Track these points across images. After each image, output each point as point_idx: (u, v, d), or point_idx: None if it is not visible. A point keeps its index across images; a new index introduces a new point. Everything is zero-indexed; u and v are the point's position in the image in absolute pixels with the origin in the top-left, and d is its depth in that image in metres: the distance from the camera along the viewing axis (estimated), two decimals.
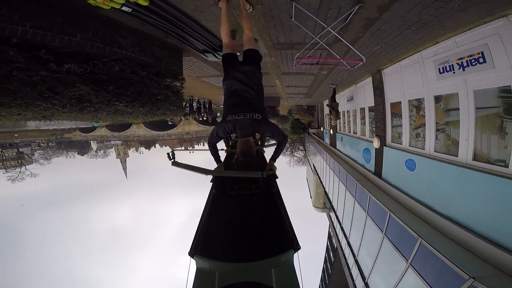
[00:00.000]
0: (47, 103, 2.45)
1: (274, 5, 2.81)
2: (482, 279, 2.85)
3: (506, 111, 2.99)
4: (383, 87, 5.93)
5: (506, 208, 2.92)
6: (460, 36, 3.50)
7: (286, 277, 1.41)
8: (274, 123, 2.40)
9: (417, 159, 4.76)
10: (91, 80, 2.74)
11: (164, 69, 3.95)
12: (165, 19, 2.92)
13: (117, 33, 3.19)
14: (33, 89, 2.32)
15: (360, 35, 3.66)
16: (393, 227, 5.11)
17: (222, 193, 2.26)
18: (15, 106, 2.29)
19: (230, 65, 2.39)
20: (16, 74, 2.20)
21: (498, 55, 3.03)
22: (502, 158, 3.07)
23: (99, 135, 40.25)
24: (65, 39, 2.62)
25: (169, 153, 2.62)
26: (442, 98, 4.12)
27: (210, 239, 1.67)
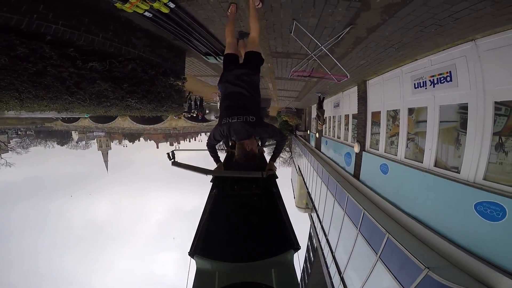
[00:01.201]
0: (72, 97, 2.69)
1: (277, 21, 3.15)
2: (435, 269, 3.27)
3: (462, 125, 3.52)
4: (367, 96, 6.44)
5: (456, 208, 3.43)
6: (435, 55, 3.94)
7: (286, 277, 1.41)
8: (271, 124, 2.41)
9: (390, 164, 5.28)
10: (109, 78, 2.97)
11: (170, 69, 4.23)
12: (178, 24, 3.22)
13: (132, 34, 3.44)
14: (62, 84, 2.55)
15: (349, 51, 4.08)
16: (366, 224, 5.63)
17: (222, 193, 2.25)
18: (46, 99, 2.51)
19: (226, 67, 2.40)
20: (50, 70, 2.43)
21: (462, 75, 3.49)
22: (456, 165, 3.62)
23: (81, 126, 38.83)
24: (89, 38, 2.86)
25: (169, 153, 2.62)
26: (414, 111, 4.65)
27: (210, 239, 1.66)
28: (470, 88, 3.33)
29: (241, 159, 2.10)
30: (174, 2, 2.74)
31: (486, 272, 2.87)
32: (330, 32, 3.35)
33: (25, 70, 2.31)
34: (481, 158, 3.21)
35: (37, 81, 2.38)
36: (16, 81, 2.26)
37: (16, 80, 2.26)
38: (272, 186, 2.30)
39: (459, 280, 3.00)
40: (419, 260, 3.55)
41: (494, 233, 2.89)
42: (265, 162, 3.22)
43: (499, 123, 2.98)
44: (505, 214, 2.79)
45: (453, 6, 2.36)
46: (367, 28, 3.17)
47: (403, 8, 2.53)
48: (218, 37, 3.94)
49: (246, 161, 2.12)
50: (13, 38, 2.22)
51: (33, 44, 2.34)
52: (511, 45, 2.77)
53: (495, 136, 3.04)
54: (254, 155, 2.13)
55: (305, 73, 4.59)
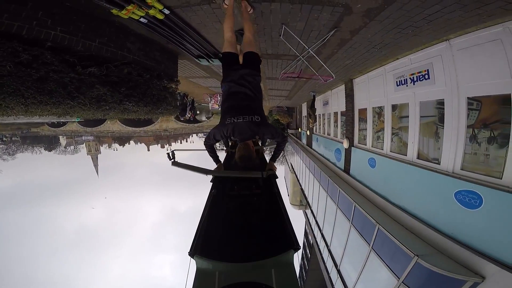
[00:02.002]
0: (74, 102, 2.77)
1: (267, 25, 3.33)
2: (424, 256, 3.49)
3: (440, 120, 3.78)
4: (354, 94, 6.71)
5: (438, 197, 3.67)
6: (414, 54, 4.17)
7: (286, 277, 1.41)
8: (272, 125, 2.41)
9: (377, 158, 5.52)
10: (107, 82, 3.07)
11: (163, 71, 4.34)
12: (172, 29, 3.34)
13: (127, 39, 3.53)
14: (64, 89, 2.64)
15: (335, 52, 4.31)
16: (358, 217, 5.88)
17: (222, 193, 2.25)
18: (50, 104, 2.59)
19: (229, 66, 2.38)
20: (52, 76, 2.51)
21: (438, 72, 3.72)
22: (436, 157, 3.88)
23: (69, 130, 37.80)
24: (86, 43, 2.94)
25: (169, 153, 2.64)
26: (397, 107, 4.92)
27: (210, 239, 1.67)
28: (446, 85, 3.57)
29: (244, 159, 2.14)
30: (169, 8, 2.86)
31: (469, 257, 3.07)
32: (316, 35, 3.55)
33: (29, 76, 2.39)
34: (458, 150, 3.46)
35: (41, 87, 2.46)
36: (21, 87, 2.34)
37: (21, 86, 2.34)
38: (272, 186, 2.32)
39: (447, 266, 3.20)
40: (408, 248, 3.77)
41: (473, 220, 3.11)
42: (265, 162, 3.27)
43: (472, 117, 3.24)
44: (482, 202, 3.02)
45: (426, 9, 2.56)
46: (351, 31, 3.37)
47: (381, 12, 2.73)
48: (211, 41, 4.08)
49: (248, 162, 2.16)
50: (16, 45, 2.30)
51: (35, 51, 2.42)
52: (480, 44, 3.01)
53: (469, 129, 3.30)
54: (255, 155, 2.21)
55: (294, 74, 4.79)
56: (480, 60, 3.04)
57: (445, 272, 3.12)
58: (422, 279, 3.58)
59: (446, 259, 3.37)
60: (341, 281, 6.58)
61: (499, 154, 2.94)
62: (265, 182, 2.35)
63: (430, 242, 3.78)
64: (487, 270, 2.84)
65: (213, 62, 5.11)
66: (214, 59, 5.00)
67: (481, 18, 2.66)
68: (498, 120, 2.91)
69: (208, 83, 8.95)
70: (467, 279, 2.94)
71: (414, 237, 4.06)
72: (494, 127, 2.98)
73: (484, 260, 2.87)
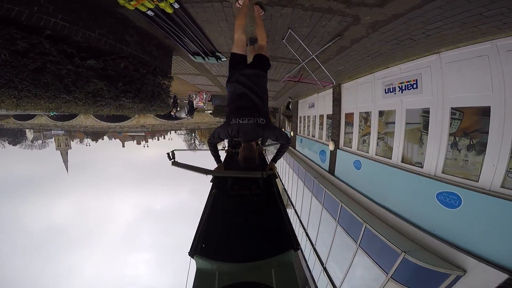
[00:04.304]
0: (69, 96, 2.59)
1: (273, 28, 3.38)
2: (410, 252, 3.76)
3: (424, 127, 4.09)
4: (341, 99, 6.96)
5: (421, 198, 3.98)
6: (405, 64, 4.41)
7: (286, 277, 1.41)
8: (277, 127, 2.44)
9: (362, 161, 5.80)
10: (104, 76, 2.91)
11: (158, 67, 4.21)
12: (176, 24, 3.26)
13: (126, 31, 3.37)
14: (61, 82, 2.46)
15: (332, 57, 4.45)
16: (344, 216, 6.14)
17: (222, 193, 2.25)
18: (44, 98, 2.40)
19: (236, 67, 2.36)
20: (49, 67, 2.33)
21: (426, 83, 3.98)
22: (420, 161, 4.20)
23: (38, 124, 34.88)
24: (86, 34, 2.76)
25: (169, 153, 2.60)
26: (384, 113, 5.22)
27: (210, 239, 1.67)
28: (432, 95, 3.87)
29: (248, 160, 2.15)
30: (179, 2, 2.80)
31: (451, 253, 3.37)
32: (318, 41, 3.66)
33: (25, 67, 2.20)
34: (440, 155, 3.78)
35: (36, 79, 2.28)
36: (16, 79, 2.15)
37: (16, 78, 2.15)
38: (272, 186, 2.34)
39: (432, 261, 3.48)
40: (395, 245, 4.05)
41: (453, 219, 3.43)
42: (265, 162, 3.32)
43: (454, 126, 3.57)
44: (461, 202, 3.35)
45: (428, 25, 2.76)
46: (352, 39, 3.51)
47: (387, 25, 2.90)
48: (211, 39, 4.04)
49: (251, 163, 2.18)
50: (14, 31, 2.12)
51: (33, 39, 2.24)
52: (468, 59, 3.29)
53: (450, 137, 3.62)
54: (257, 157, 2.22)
55: (295, 79, 4.89)
56: (466, 73, 3.33)
57: (431, 267, 3.40)
58: (409, 274, 3.86)
59: (430, 255, 3.67)
60: (328, 279, 6.81)
61: (477, 160, 3.26)
62: (265, 182, 2.36)
63: (414, 239, 4.07)
64: (467, 264, 3.14)
65: (209, 60, 5.05)
66: (210, 57, 4.95)
67: (474, 35, 2.89)
68: (477, 129, 3.23)
69: (196, 80, 8.79)
70: (451, 273, 3.24)
71: (399, 235, 4.34)
72: (474, 136, 3.30)
73: (464, 255, 3.18)
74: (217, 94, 13.12)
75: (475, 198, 3.17)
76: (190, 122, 34.43)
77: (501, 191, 2.95)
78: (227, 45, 4.31)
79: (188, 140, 44.15)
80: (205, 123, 33.93)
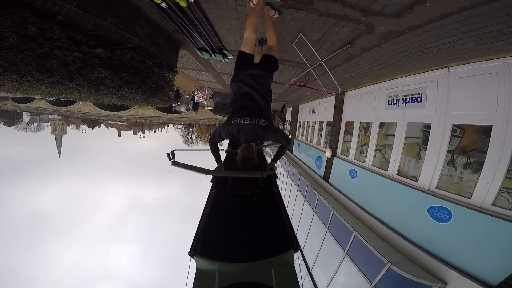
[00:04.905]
0: (72, 83, 2.56)
1: (284, 31, 3.36)
2: (396, 263, 3.82)
3: (424, 142, 4.12)
4: (343, 106, 6.99)
5: (412, 210, 4.02)
6: (412, 77, 4.39)
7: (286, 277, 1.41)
8: (279, 128, 2.49)
9: (358, 170, 5.83)
10: (109, 66, 2.87)
11: (164, 60, 4.18)
12: (188, 18, 3.24)
13: (137, 22, 3.35)
14: (66, 69, 2.42)
15: (339, 64, 4.43)
16: (334, 223, 6.16)
17: (222, 193, 2.24)
18: (47, 83, 2.36)
19: (242, 66, 2.35)
20: (56, 53, 2.30)
21: (431, 97, 3.99)
22: (415, 175, 4.24)
23: (36, 107, 34.44)
24: (97, 22, 2.73)
25: (169, 153, 2.59)
26: (385, 125, 5.25)
27: (210, 239, 1.67)
28: (436, 110, 3.89)
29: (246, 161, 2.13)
30: None
31: (434, 265, 3.44)
32: (328, 47, 3.66)
33: (32, 51, 2.17)
34: (436, 170, 3.83)
35: (41, 64, 2.24)
36: (20, 62, 2.12)
37: (20, 62, 2.12)
38: (272, 186, 2.34)
39: (415, 272, 3.54)
40: (382, 255, 4.08)
41: (442, 233, 3.49)
42: (265, 161, 3.29)
43: (453, 143, 3.61)
44: (451, 217, 3.40)
45: (442, 38, 2.73)
46: (362, 48, 3.50)
47: (400, 36, 2.87)
48: (221, 36, 4.04)
49: (250, 164, 2.16)
50: (27, 15, 2.09)
51: (44, 24, 2.21)
52: (476, 75, 3.28)
53: (449, 153, 3.66)
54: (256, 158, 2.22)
55: (301, 83, 4.90)
56: (473, 90, 3.35)
57: (414, 278, 3.46)
58: (392, 284, 3.89)
59: (415, 266, 3.73)
60: (313, 284, 6.83)
61: (472, 178, 3.31)
62: (265, 182, 2.35)
63: (401, 250, 4.13)
64: (449, 276, 3.21)
65: (215, 57, 5.05)
66: (217, 54, 4.94)
67: (488, 51, 2.86)
68: (476, 148, 3.28)
69: (200, 76, 8.77)
70: (432, 285, 3.29)
71: (387, 245, 4.39)
72: (472, 154, 3.35)
73: (448, 268, 3.25)
74: (219, 92, 13.11)
75: (466, 214, 3.23)
76: (188, 117, 34.30)
77: (492, 208, 3.01)
78: (236, 43, 4.31)
79: (185, 134, 43.95)
80: (204, 119, 33.82)
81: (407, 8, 2.30)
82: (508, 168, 2.85)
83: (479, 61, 3.21)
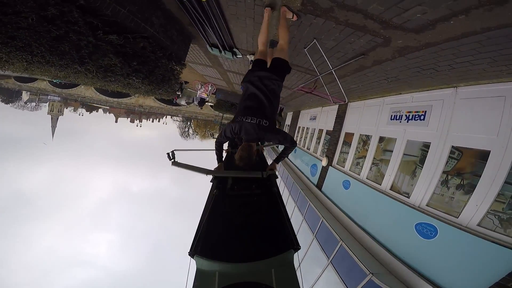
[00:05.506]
0: (81, 68, 2.54)
1: (298, 35, 3.34)
2: (378, 275, 3.85)
3: (421, 161, 4.16)
4: (345, 117, 7.01)
5: (400, 225, 4.10)
6: (418, 94, 4.35)
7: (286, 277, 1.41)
8: (282, 130, 2.43)
9: (352, 181, 5.88)
10: (120, 53, 2.86)
11: (175, 53, 4.18)
12: (205, 13, 3.26)
13: (154, 12, 3.34)
14: (78, 53, 2.41)
15: (348, 74, 4.39)
16: (322, 231, 6.19)
17: (222, 193, 2.25)
18: (56, 66, 2.35)
19: (252, 68, 2.45)
20: (71, 36, 2.29)
21: (434, 116, 3.97)
22: (408, 191, 4.29)
23: (37, 87, 34.61)
24: (116, 9, 2.70)
25: (169, 153, 2.62)
26: (384, 140, 5.28)
27: (210, 239, 1.67)
28: (437, 130, 3.91)
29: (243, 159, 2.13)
30: None
31: (413, 279, 3.53)
32: (340, 56, 3.63)
33: (48, 33, 2.16)
34: (428, 189, 3.89)
35: (54, 46, 2.23)
36: (34, 44, 2.11)
37: (35, 43, 2.11)
38: (272, 186, 2.35)
39: (395, 286, 3.61)
40: (365, 266, 4.12)
41: (425, 249, 3.58)
42: (264, 161, 3.32)
43: (450, 164, 3.67)
44: (437, 234, 3.49)
45: (457, 58, 2.67)
46: (375, 60, 3.46)
47: (416, 52, 2.80)
48: (233, 34, 4.05)
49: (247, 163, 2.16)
50: None
51: (65, 7, 2.20)
52: (484, 97, 3.25)
53: (443, 174, 3.72)
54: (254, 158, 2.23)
55: (308, 89, 4.92)
56: (477, 112, 3.33)
57: None
58: None
59: (394, 279, 3.82)
60: None
61: (462, 199, 3.38)
62: (265, 182, 2.38)
63: (383, 262, 4.21)
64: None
65: (225, 54, 5.06)
66: (227, 52, 4.96)
67: (501, 73, 2.79)
68: (471, 172, 3.34)
69: (206, 71, 8.77)
70: None
71: (370, 257, 4.47)
72: (466, 177, 3.41)
73: (425, 283, 3.34)
74: (223, 89, 13.11)
75: (451, 232, 3.32)
76: (188, 111, 34.22)
77: (477, 229, 3.09)
78: (247, 43, 4.33)
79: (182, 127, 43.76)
80: (203, 114, 33.76)
81: (429, 24, 2.24)
82: (499, 192, 2.91)
83: (490, 83, 3.17)
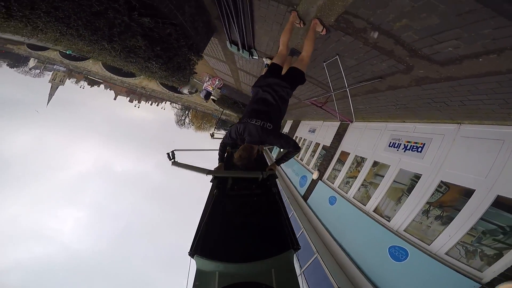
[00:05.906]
0: (108, 45, 2.58)
1: (322, 49, 3.32)
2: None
3: (408, 190, 4.31)
4: (344, 135, 7.09)
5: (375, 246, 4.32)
6: (422, 125, 4.36)
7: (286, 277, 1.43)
8: (286, 135, 2.45)
9: (338, 198, 6.02)
10: (147, 36, 2.89)
11: (196, 43, 4.23)
12: (236, 9, 3.33)
13: (188, 1, 3.39)
14: (110, 30, 2.45)
15: (359, 95, 4.37)
16: (300, 241, 6.26)
17: (222, 193, 2.26)
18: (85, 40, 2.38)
19: (266, 74, 2.50)
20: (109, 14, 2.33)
21: (431, 150, 4.03)
22: (389, 215, 4.46)
23: (46, 56, 34.48)
24: None
25: (169, 153, 2.63)
26: (378, 165, 5.41)
27: (210, 240, 1.67)
28: (431, 164, 4.04)
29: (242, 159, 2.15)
30: None
31: None
32: (357, 76, 3.60)
33: (89, 8, 2.21)
34: (409, 216, 4.08)
35: (91, 21, 2.28)
36: (74, 16, 2.15)
37: (74, 15, 2.15)
38: (272, 186, 2.37)
39: None
40: (335, 280, 4.31)
41: (394, 270, 3.80)
42: (264, 161, 3.34)
43: (435, 196, 3.86)
44: (407, 257, 3.71)
45: (471, 95, 2.61)
46: (390, 85, 3.42)
47: (433, 83, 2.73)
48: (256, 35, 4.12)
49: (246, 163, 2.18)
50: None
51: None
52: (483, 138, 3.30)
53: (427, 204, 3.91)
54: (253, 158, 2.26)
55: (319, 103, 4.96)
56: (473, 151, 3.41)
57: None
58: None
59: None
60: None
61: (438, 229, 3.58)
62: (265, 182, 2.40)
63: (351, 279, 4.38)
64: None
65: (242, 53, 5.14)
66: (245, 51, 5.05)
67: (508, 116, 2.76)
68: (453, 206, 3.52)
69: (218, 65, 8.84)
70: None
71: (341, 272, 4.64)
72: (446, 210, 3.60)
73: None
74: (229, 85, 13.19)
75: (420, 257, 3.54)
76: (188, 100, 34.12)
77: (444, 257, 3.32)
78: (267, 46, 4.41)
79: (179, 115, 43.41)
80: (204, 106, 33.72)
81: (457, 59, 2.19)
82: (473, 226, 3.12)
83: (493, 125, 3.20)
